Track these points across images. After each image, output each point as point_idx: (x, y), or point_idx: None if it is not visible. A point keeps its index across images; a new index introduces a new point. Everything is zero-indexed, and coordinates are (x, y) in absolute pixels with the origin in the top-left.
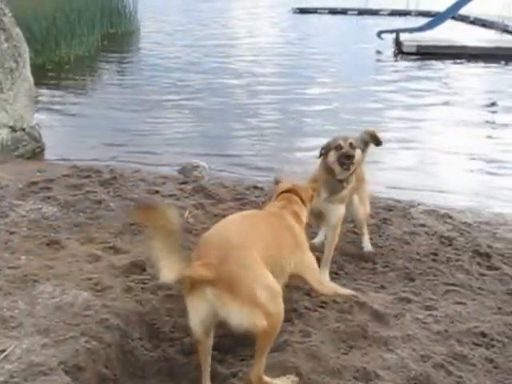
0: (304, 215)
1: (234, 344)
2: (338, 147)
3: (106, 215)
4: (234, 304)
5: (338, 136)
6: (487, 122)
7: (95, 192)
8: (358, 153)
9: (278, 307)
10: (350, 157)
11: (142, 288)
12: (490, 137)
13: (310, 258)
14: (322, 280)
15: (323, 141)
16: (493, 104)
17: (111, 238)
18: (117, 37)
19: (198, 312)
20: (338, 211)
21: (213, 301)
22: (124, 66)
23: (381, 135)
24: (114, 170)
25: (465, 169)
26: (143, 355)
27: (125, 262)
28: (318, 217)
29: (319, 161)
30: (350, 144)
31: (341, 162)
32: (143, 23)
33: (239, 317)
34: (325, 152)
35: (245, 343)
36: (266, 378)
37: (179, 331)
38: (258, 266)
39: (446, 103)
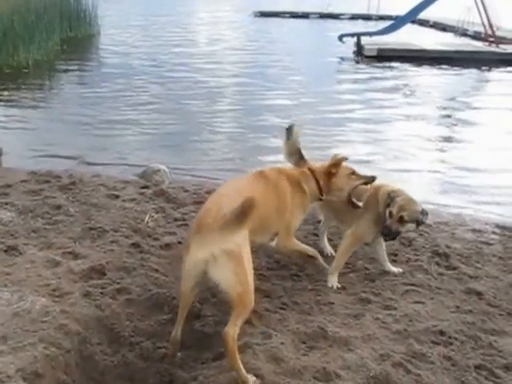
0: (309, 186)
1: (194, 347)
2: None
3: (65, 220)
4: (220, 269)
5: (399, 196)
6: (447, 121)
7: (54, 197)
8: (406, 228)
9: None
10: (396, 234)
11: (102, 293)
12: (449, 138)
13: (292, 223)
14: (287, 243)
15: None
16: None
17: (70, 243)
18: (77, 40)
19: (189, 267)
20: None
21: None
22: (84, 70)
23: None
24: (74, 175)
25: (424, 170)
26: (103, 360)
27: (84, 266)
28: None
29: None
30: (401, 218)
31: (384, 232)
32: (103, 27)
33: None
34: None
35: (205, 345)
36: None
37: (139, 335)
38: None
39: (407, 104)
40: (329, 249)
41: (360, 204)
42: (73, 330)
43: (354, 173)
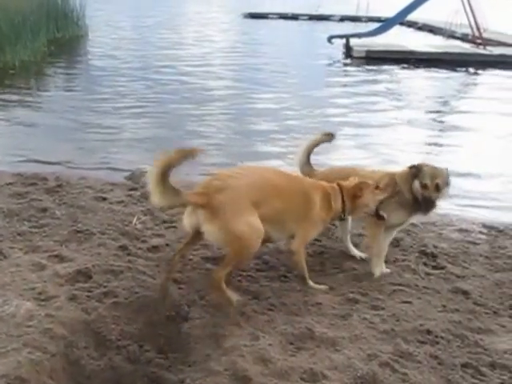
0: (336, 204)
1: (182, 349)
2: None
3: (52, 223)
4: (210, 226)
5: (424, 167)
6: (435, 125)
7: (40, 200)
8: (443, 194)
9: (250, 241)
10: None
11: (88, 296)
12: (438, 142)
13: (311, 232)
14: (298, 249)
15: (273, 149)
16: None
17: (56, 246)
18: (64, 41)
19: (188, 221)
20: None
21: (199, 218)
22: (71, 72)
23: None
24: (60, 177)
25: None
26: (89, 364)
27: (70, 270)
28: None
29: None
30: (437, 185)
31: (423, 204)
32: (92, 28)
33: (212, 236)
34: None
35: (193, 348)
36: (223, 285)
37: (126, 339)
38: (243, 206)
39: (396, 107)
40: (356, 252)
41: (385, 215)
42: (58, 334)
43: (377, 187)
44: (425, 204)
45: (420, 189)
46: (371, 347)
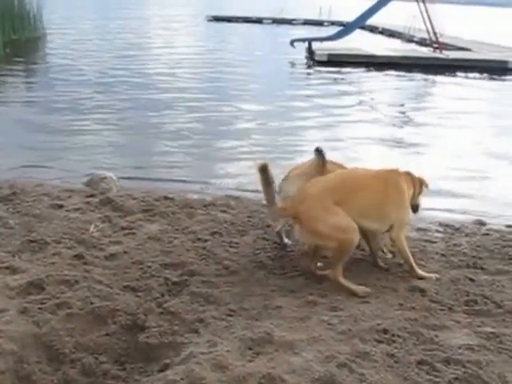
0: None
1: (139, 359)
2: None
3: (4, 233)
4: (302, 232)
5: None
6: (396, 125)
7: None
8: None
9: (344, 236)
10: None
11: (40, 308)
12: (400, 139)
13: (405, 218)
14: (400, 236)
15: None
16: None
17: (8, 258)
18: (20, 43)
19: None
20: None
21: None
22: (27, 74)
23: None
24: (15, 185)
25: None
26: (42, 380)
27: (22, 282)
28: None
29: None
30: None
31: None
32: (50, 30)
33: (305, 240)
34: None
35: (151, 357)
36: (342, 280)
37: (81, 351)
38: (324, 209)
39: (359, 111)
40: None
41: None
42: (7, 350)
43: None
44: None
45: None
46: (329, 349)
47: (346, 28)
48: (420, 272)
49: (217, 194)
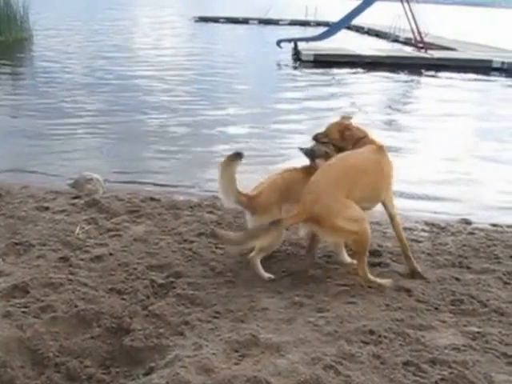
0: None
1: (125, 362)
2: None
3: None
4: (322, 231)
5: None
6: (382, 124)
7: None
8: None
9: (361, 226)
10: None
11: (24, 312)
12: (386, 142)
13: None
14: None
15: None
16: None
17: None
18: (7, 44)
19: (304, 231)
20: None
21: (312, 229)
22: (14, 75)
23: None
24: (0, 187)
25: None
26: None
27: (5, 285)
28: None
29: None
30: None
31: None
32: (37, 31)
33: (327, 238)
34: None
35: (136, 361)
36: (370, 276)
37: (65, 355)
38: (338, 203)
39: (344, 109)
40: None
41: None
42: None
43: None
44: None
45: None
46: (315, 350)
47: (332, 28)
48: (415, 264)
49: (203, 195)
